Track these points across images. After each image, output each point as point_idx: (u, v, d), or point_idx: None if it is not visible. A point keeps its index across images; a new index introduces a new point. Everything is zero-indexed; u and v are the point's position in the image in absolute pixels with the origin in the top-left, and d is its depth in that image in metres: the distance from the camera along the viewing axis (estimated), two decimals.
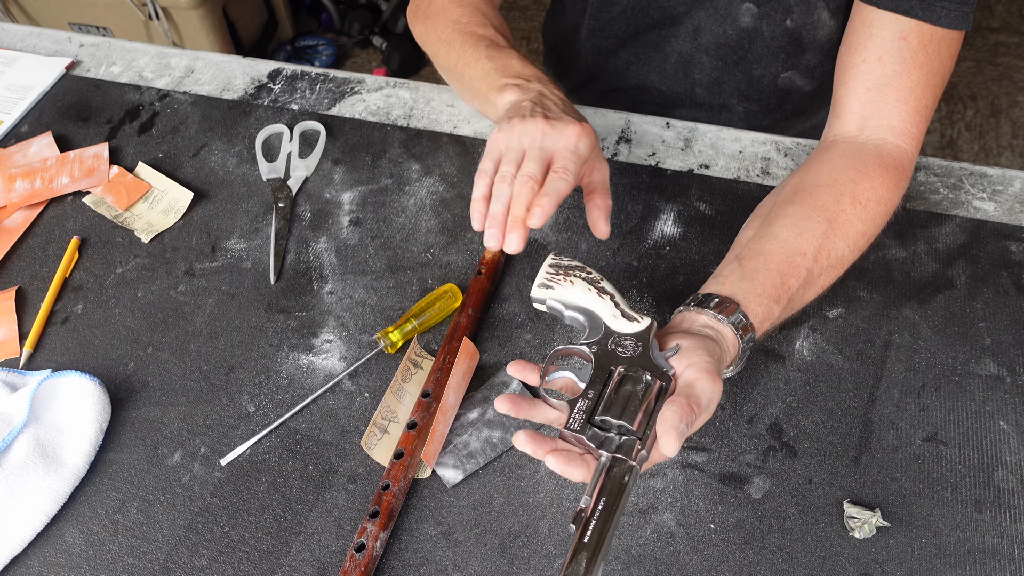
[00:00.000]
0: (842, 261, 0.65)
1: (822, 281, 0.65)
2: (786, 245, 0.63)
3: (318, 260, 0.78)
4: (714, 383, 0.53)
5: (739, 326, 0.59)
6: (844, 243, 0.65)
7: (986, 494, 0.61)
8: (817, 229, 0.64)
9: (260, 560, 0.60)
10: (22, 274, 0.79)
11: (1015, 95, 2.23)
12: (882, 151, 0.69)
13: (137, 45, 1.00)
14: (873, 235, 0.68)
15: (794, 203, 0.67)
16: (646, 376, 0.54)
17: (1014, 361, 0.68)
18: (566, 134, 0.62)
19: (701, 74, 0.92)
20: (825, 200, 0.66)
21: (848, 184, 0.67)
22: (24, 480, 0.62)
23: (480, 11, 0.78)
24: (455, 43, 0.76)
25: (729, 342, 0.59)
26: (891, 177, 0.68)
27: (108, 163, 0.86)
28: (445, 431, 0.64)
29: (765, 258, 0.63)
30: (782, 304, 0.61)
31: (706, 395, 0.53)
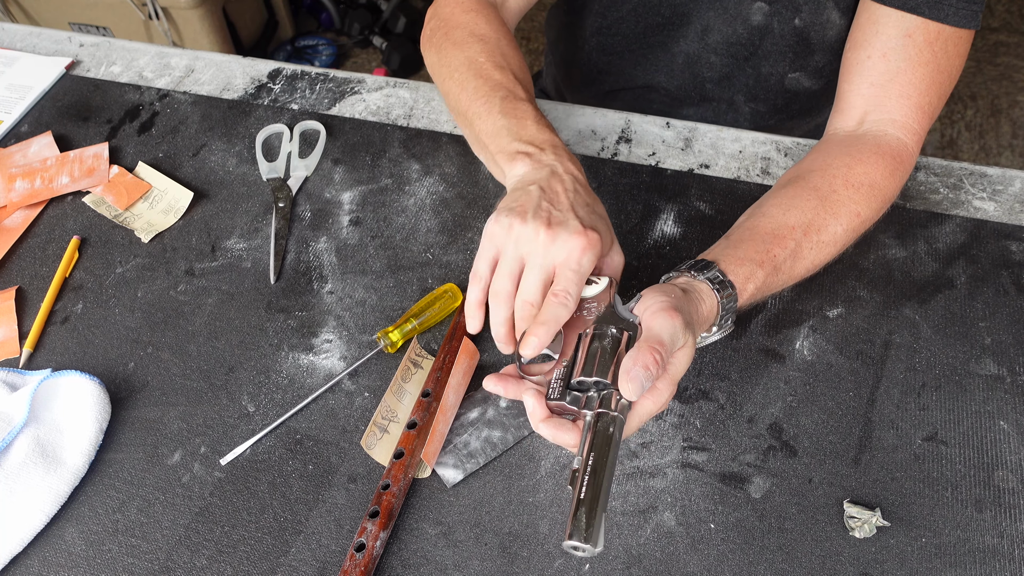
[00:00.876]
0: (835, 239, 0.65)
1: (813, 256, 0.64)
2: (774, 220, 0.64)
3: (318, 260, 0.78)
4: (671, 318, 0.53)
5: (715, 281, 0.59)
6: (836, 221, 0.65)
7: (986, 494, 0.61)
8: (807, 206, 0.64)
9: (260, 560, 0.60)
10: (22, 274, 0.79)
11: (1015, 95, 2.23)
12: (880, 141, 0.69)
13: (137, 45, 1.00)
14: (869, 218, 0.67)
15: (786, 187, 0.67)
16: (611, 330, 0.55)
17: (1014, 361, 0.68)
18: (568, 247, 0.55)
19: (710, 72, 0.92)
20: (817, 181, 0.66)
21: (841, 168, 0.67)
22: (24, 480, 0.62)
23: (501, 50, 0.72)
24: (468, 86, 0.70)
25: (705, 296, 0.58)
26: (887, 165, 0.68)
27: (108, 163, 0.86)
28: (445, 431, 0.64)
29: (752, 231, 0.63)
30: (766, 269, 0.61)
31: (666, 331, 0.52)
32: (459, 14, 0.76)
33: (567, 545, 0.46)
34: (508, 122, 0.65)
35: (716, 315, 0.60)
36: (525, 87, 0.69)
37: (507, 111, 0.65)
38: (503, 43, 0.73)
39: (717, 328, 0.61)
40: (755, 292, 0.61)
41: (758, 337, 0.70)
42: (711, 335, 0.63)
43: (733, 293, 0.59)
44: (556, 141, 0.64)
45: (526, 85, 0.70)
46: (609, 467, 0.49)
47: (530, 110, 0.66)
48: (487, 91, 0.68)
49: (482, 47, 0.72)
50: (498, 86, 0.68)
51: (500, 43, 0.72)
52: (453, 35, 0.74)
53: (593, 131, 0.87)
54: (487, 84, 0.68)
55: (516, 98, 0.67)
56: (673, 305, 0.54)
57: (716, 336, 0.63)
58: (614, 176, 0.82)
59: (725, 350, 0.69)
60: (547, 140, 0.63)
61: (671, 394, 0.53)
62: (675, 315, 0.53)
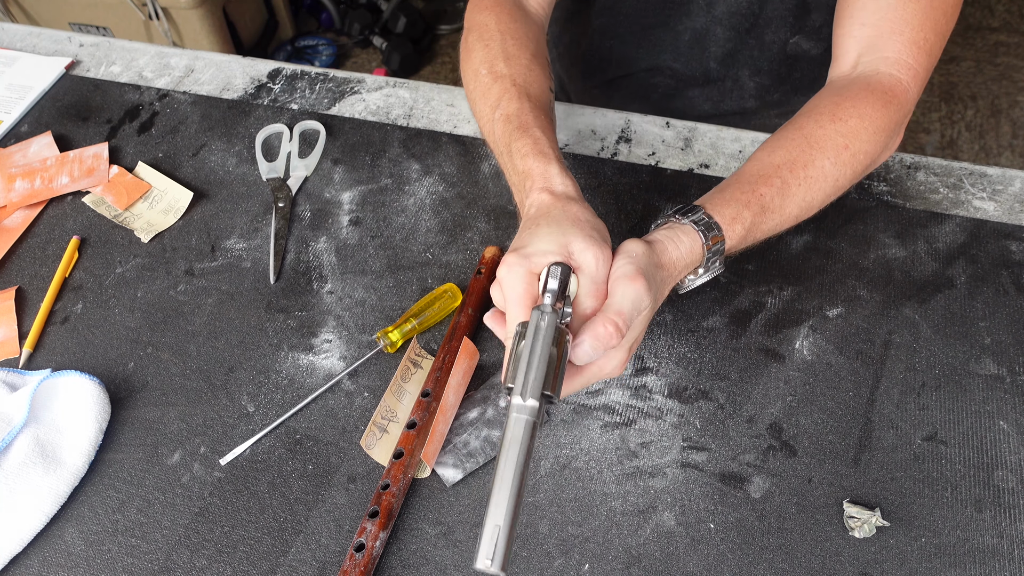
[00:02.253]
0: (824, 174, 0.63)
1: (803, 193, 0.62)
2: (760, 162, 0.63)
3: (318, 260, 0.78)
4: (634, 283, 0.51)
5: (700, 223, 0.58)
6: (822, 155, 0.63)
7: (986, 494, 0.61)
8: (791, 144, 0.63)
9: (260, 560, 0.60)
10: (22, 274, 0.79)
11: (1015, 95, 2.23)
12: (871, 79, 0.67)
13: (137, 45, 1.00)
14: (860, 150, 0.64)
15: (774, 134, 0.66)
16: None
17: (1014, 361, 0.68)
18: None
19: (716, 47, 0.91)
20: (803, 122, 0.65)
21: (828, 106, 0.65)
22: (24, 480, 0.62)
23: (540, 105, 0.67)
24: (474, 105, 0.71)
25: (687, 236, 0.57)
26: (877, 99, 0.65)
27: (108, 163, 0.86)
28: (445, 431, 0.64)
29: (738, 175, 0.62)
30: (753, 209, 0.60)
31: (627, 300, 0.51)
32: (492, 21, 0.74)
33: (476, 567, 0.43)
34: (508, 162, 0.64)
35: (702, 256, 0.58)
36: (523, 94, 0.67)
37: (506, 144, 0.64)
38: (507, 43, 0.71)
39: (704, 270, 0.60)
40: (744, 233, 0.60)
41: (758, 337, 0.70)
42: (698, 277, 0.61)
43: (720, 235, 0.58)
44: (527, 170, 0.61)
45: (529, 88, 0.68)
46: (519, 477, 0.46)
47: (520, 140, 0.62)
48: (484, 107, 0.68)
49: (483, 56, 0.71)
50: (488, 96, 0.67)
51: (503, 43, 0.71)
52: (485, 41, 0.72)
53: (593, 131, 0.87)
54: (484, 102, 0.68)
55: (507, 119, 0.65)
56: (639, 271, 0.52)
57: (705, 277, 0.61)
58: (614, 176, 0.82)
59: (725, 350, 0.69)
60: (520, 173, 0.61)
61: (626, 359, 0.53)
62: (639, 280, 0.52)
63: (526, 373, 0.47)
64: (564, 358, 0.49)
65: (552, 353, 0.48)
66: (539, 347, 0.48)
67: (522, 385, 0.47)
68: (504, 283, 0.53)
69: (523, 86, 0.67)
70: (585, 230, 0.54)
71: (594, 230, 0.54)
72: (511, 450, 0.46)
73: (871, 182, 0.81)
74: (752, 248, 0.63)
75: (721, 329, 0.70)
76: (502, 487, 0.45)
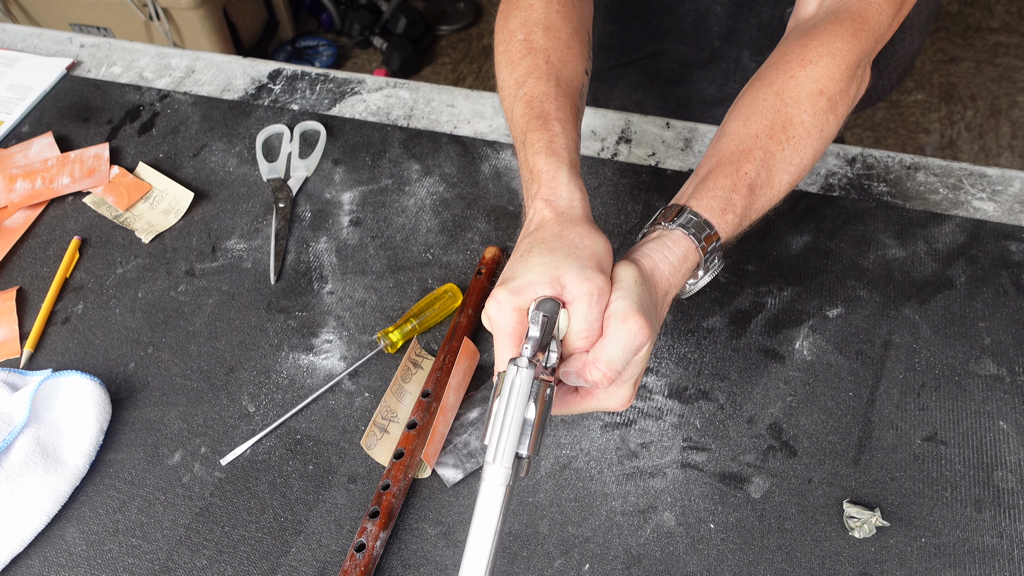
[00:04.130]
0: (807, 129, 0.59)
1: (789, 156, 0.59)
2: (735, 136, 0.59)
3: (318, 260, 0.78)
4: (623, 324, 0.48)
5: (690, 225, 0.54)
6: (799, 108, 0.58)
7: (986, 494, 0.61)
8: (765, 107, 0.59)
9: (260, 560, 0.60)
10: (23, 274, 0.79)
11: (1015, 95, 2.23)
12: (839, 11, 0.62)
13: (137, 45, 1.00)
14: (838, 91, 0.60)
15: (744, 95, 0.62)
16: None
17: (1014, 361, 0.68)
18: None
19: (717, 25, 0.91)
20: (771, 76, 0.61)
21: (796, 51, 0.61)
22: (24, 480, 0.62)
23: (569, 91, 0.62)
24: (500, 74, 0.65)
25: (678, 244, 0.54)
26: (846, 30, 0.61)
27: (108, 163, 0.86)
28: (445, 431, 0.64)
29: (717, 157, 0.58)
30: (741, 192, 0.56)
31: (617, 346, 0.48)
32: None
33: None
34: (523, 155, 0.59)
35: (699, 259, 0.55)
36: (551, 76, 0.62)
37: (525, 135, 0.59)
38: (551, 11, 0.65)
39: (703, 271, 0.57)
40: (737, 221, 0.56)
41: (758, 337, 0.70)
42: (699, 280, 0.58)
43: (713, 233, 0.54)
44: (536, 171, 0.57)
45: (558, 69, 0.63)
46: (492, 542, 0.44)
47: (536, 135, 0.58)
48: (511, 86, 0.63)
49: (521, 20, 0.65)
50: (519, 83, 0.62)
51: (547, 12, 0.65)
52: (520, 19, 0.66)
53: (593, 131, 0.87)
54: (511, 78, 0.63)
55: (528, 103, 0.60)
56: (631, 308, 0.49)
57: (706, 279, 0.58)
58: (614, 176, 0.82)
59: (725, 350, 0.69)
60: (530, 175, 0.58)
61: (630, 396, 0.51)
62: (631, 319, 0.48)
63: (499, 437, 0.45)
64: (546, 411, 0.47)
65: (530, 412, 0.46)
66: (512, 408, 0.45)
67: (494, 450, 0.45)
68: (492, 320, 0.50)
69: (556, 65, 0.62)
70: (581, 259, 0.49)
71: (592, 258, 0.50)
72: (484, 516, 0.44)
73: (871, 183, 0.81)
74: (751, 246, 0.63)
75: (721, 329, 0.70)
76: (475, 553, 0.44)
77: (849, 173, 0.82)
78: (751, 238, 0.75)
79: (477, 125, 0.89)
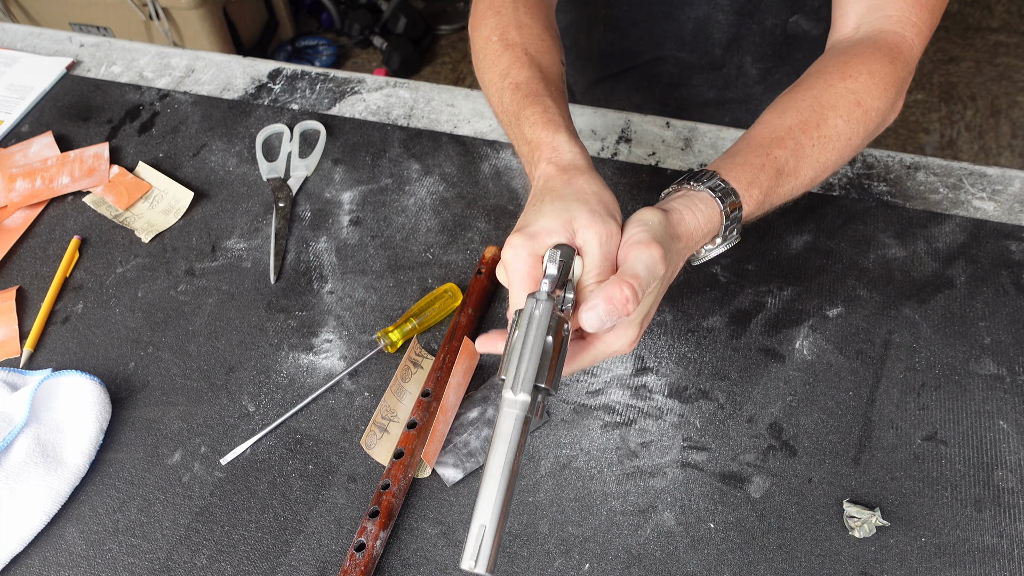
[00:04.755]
0: (837, 133, 0.61)
1: (817, 153, 0.61)
2: (771, 125, 0.61)
3: (318, 260, 0.78)
4: (646, 248, 0.49)
5: (717, 190, 0.55)
6: (835, 113, 0.61)
7: (986, 493, 0.61)
8: (802, 105, 0.61)
9: (260, 559, 0.60)
10: (22, 274, 0.79)
11: (1015, 95, 2.23)
12: (876, 38, 0.66)
13: (137, 45, 1.00)
14: (872, 107, 0.63)
15: (783, 96, 0.64)
16: None
17: (1014, 361, 0.68)
18: None
19: (719, 33, 0.91)
20: (811, 82, 0.63)
21: (836, 66, 0.64)
22: (24, 479, 0.62)
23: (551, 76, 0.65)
24: (483, 75, 0.67)
25: (704, 204, 0.55)
26: (884, 55, 0.64)
27: (108, 163, 0.86)
28: (445, 430, 0.64)
29: (749, 139, 0.60)
30: (768, 173, 0.58)
31: (642, 264, 0.49)
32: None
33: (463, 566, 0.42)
34: (517, 131, 0.61)
35: (720, 225, 0.56)
36: (534, 63, 0.64)
37: (515, 112, 0.61)
38: (519, 11, 0.68)
39: (722, 240, 0.58)
40: (761, 199, 0.58)
41: (758, 337, 0.70)
42: (716, 247, 0.59)
43: (737, 201, 0.56)
44: (535, 140, 0.59)
45: (539, 58, 0.65)
46: (508, 475, 0.44)
47: (529, 108, 0.60)
48: (495, 79, 0.65)
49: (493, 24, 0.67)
50: (504, 75, 0.64)
51: (515, 12, 0.68)
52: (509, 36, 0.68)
53: (593, 131, 0.87)
54: (495, 71, 0.65)
55: (515, 88, 0.62)
56: (655, 239, 0.50)
57: (722, 247, 0.59)
58: (614, 176, 0.82)
59: (725, 350, 0.69)
60: (529, 142, 0.59)
61: (637, 336, 0.51)
62: (654, 248, 0.49)
63: (518, 365, 0.45)
64: (563, 348, 0.47)
65: (548, 343, 0.46)
66: (532, 337, 0.46)
67: (513, 378, 0.45)
68: (508, 265, 0.51)
69: (535, 56, 0.64)
70: (591, 204, 0.51)
71: (600, 203, 0.52)
72: (500, 446, 0.44)
73: (871, 182, 0.81)
74: (751, 246, 0.63)
75: (721, 329, 0.70)
76: (490, 484, 0.43)
77: (849, 172, 0.82)
78: (751, 238, 0.75)
79: (477, 125, 0.88)
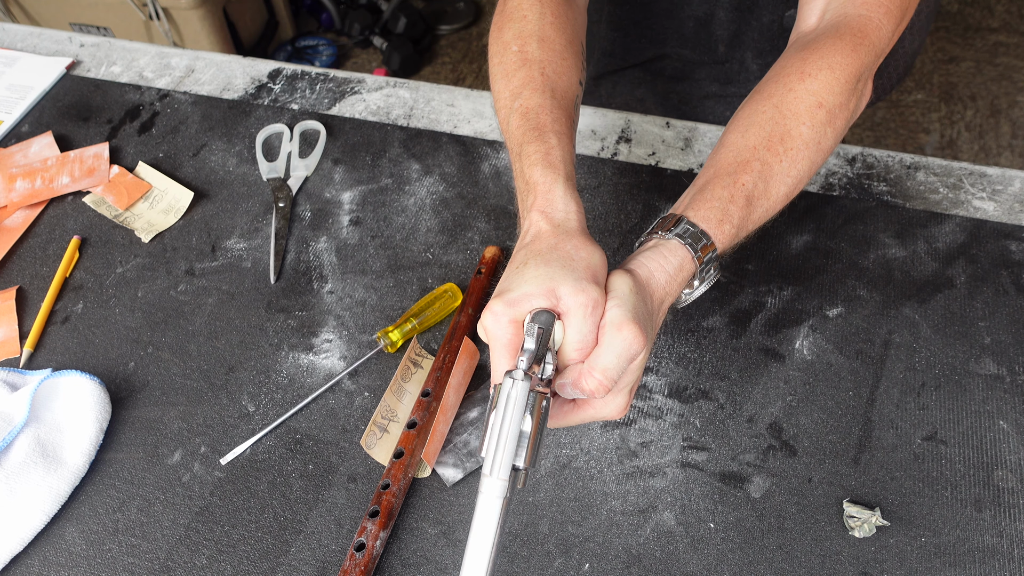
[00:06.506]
0: (805, 142, 0.59)
1: (787, 168, 0.59)
2: (734, 147, 0.59)
3: (318, 260, 0.78)
4: (618, 332, 0.48)
5: (687, 236, 0.54)
6: (798, 122, 0.59)
7: (986, 493, 0.61)
8: (763, 119, 0.59)
9: (260, 559, 0.60)
10: (22, 274, 0.79)
11: (1015, 95, 2.23)
12: (839, 25, 0.63)
13: (137, 45, 1.00)
14: (837, 106, 0.60)
15: (743, 107, 0.62)
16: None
17: (1014, 361, 0.68)
18: None
19: (721, 29, 0.91)
20: (771, 88, 0.61)
21: (795, 64, 0.61)
22: (24, 479, 0.62)
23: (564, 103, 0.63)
24: (496, 84, 0.64)
25: (674, 254, 0.54)
26: (846, 44, 0.61)
27: (108, 163, 0.86)
28: (445, 430, 0.64)
29: (715, 168, 0.59)
30: (738, 204, 0.56)
31: (613, 354, 0.48)
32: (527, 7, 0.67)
33: None
34: (519, 166, 0.59)
35: (695, 269, 0.55)
36: (547, 88, 0.62)
37: (519, 147, 0.59)
38: (544, 22, 0.65)
39: (699, 281, 0.57)
40: (734, 232, 0.56)
41: (758, 337, 0.70)
42: (695, 290, 0.58)
43: (709, 243, 0.55)
44: (533, 182, 0.57)
45: (553, 81, 0.63)
46: (489, 557, 0.45)
47: (533, 145, 0.58)
48: (506, 98, 0.62)
49: (516, 32, 0.65)
50: (514, 95, 0.62)
51: (540, 23, 0.65)
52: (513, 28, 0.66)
53: (593, 131, 0.87)
54: (507, 89, 0.63)
55: (524, 115, 0.60)
56: (625, 316, 0.49)
57: (702, 289, 0.58)
58: (614, 176, 0.82)
59: (725, 350, 0.69)
60: (528, 184, 0.57)
61: (626, 403, 0.51)
62: (626, 327, 0.48)
63: (495, 450, 0.45)
64: (542, 424, 0.47)
65: (526, 424, 0.46)
66: (508, 420, 0.45)
67: (491, 463, 0.45)
68: (488, 332, 0.50)
69: (551, 77, 0.62)
70: (577, 271, 0.49)
71: (588, 270, 0.50)
72: (481, 530, 0.45)
73: (871, 182, 0.81)
74: (751, 246, 0.62)
75: (721, 329, 0.70)
76: (473, 564, 0.44)
77: (849, 172, 0.82)
78: (751, 238, 0.75)
79: (477, 124, 0.88)
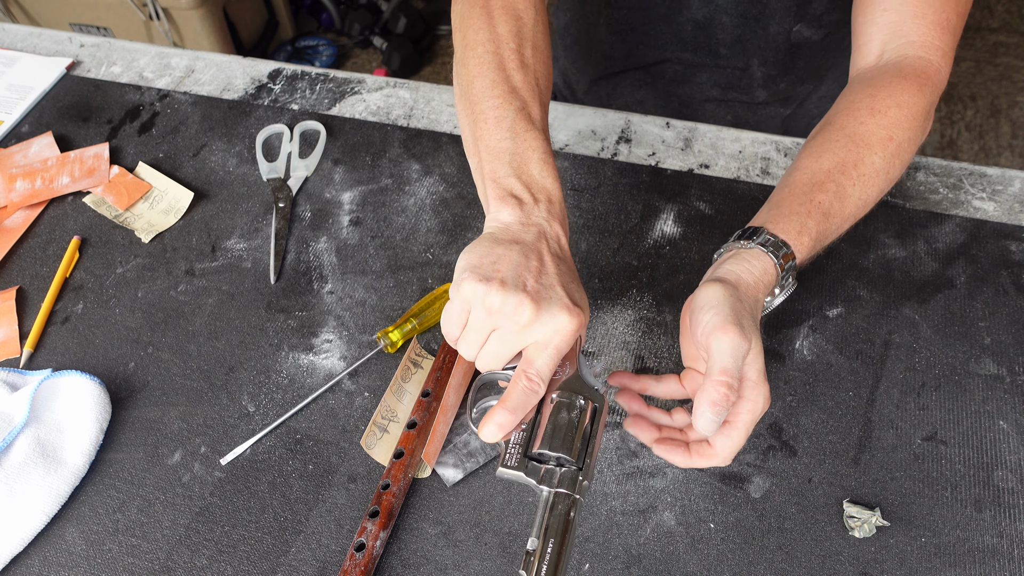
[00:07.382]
0: (875, 170, 0.62)
1: (859, 192, 0.62)
2: (809, 170, 0.62)
3: (318, 260, 0.78)
4: (727, 334, 0.50)
5: (768, 244, 0.57)
6: (870, 152, 0.62)
7: (986, 493, 0.61)
8: (837, 147, 0.62)
9: (260, 559, 0.60)
10: (22, 274, 0.79)
11: (1015, 95, 2.23)
12: (901, 64, 0.67)
13: (137, 45, 1.00)
14: (905, 139, 0.64)
15: (815, 137, 0.65)
16: (579, 401, 0.51)
17: (1014, 361, 0.68)
18: (553, 327, 0.51)
19: (723, 33, 0.92)
20: (842, 121, 0.64)
21: (865, 100, 0.65)
22: (24, 480, 0.62)
23: (532, 41, 0.64)
24: (485, 78, 0.62)
25: (758, 260, 0.57)
26: (911, 84, 0.65)
27: (108, 163, 0.86)
28: (445, 430, 0.64)
29: (790, 187, 0.61)
30: (815, 218, 0.59)
31: (726, 354, 0.49)
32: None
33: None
34: (513, 146, 0.58)
35: (777, 277, 0.57)
36: (542, 101, 0.63)
37: (515, 134, 0.59)
38: (537, 30, 0.65)
39: (780, 289, 0.59)
40: (812, 244, 0.59)
41: None
42: (776, 298, 0.60)
43: (789, 252, 0.57)
44: (553, 193, 0.58)
45: (544, 97, 0.64)
46: (567, 553, 0.46)
47: (539, 141, 0.59)
48: (501, 100, 0.61)
49: (513, 30, 0.64)
50: (514, 95, 0.61)
51: (535, 29, 0.65)
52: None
53: (593, 131, 0.87)
54: (505, 85, 0.61)
55: (528, 119, 0.60)
56: (728, 320, 0.51)
57: (782, 297, 0.60)
58: (614, 176, 0.82)
59: None
60: (544, 190, 0.57)
61: (766, 393, 0.52)
62: (731, 329, 0.50)
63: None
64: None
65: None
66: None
67: None
68: (563, 340, 0.52)
69: (544, 91, 0.64)
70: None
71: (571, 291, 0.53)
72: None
73: None
74: None
75: None
76: None
77: None
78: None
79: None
